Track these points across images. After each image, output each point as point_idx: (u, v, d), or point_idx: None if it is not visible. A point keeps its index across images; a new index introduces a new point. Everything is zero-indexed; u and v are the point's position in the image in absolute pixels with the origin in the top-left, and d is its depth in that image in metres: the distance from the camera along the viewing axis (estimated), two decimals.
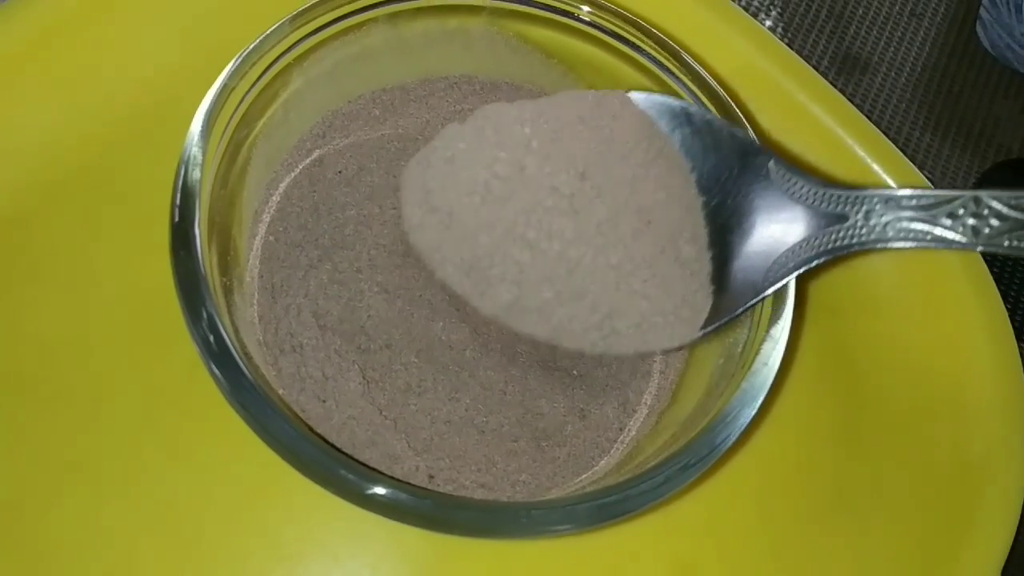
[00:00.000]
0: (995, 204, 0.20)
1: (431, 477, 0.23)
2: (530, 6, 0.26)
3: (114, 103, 0.29)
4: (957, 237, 0.20)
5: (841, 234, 0.22)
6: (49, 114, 0.29)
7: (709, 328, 0.23)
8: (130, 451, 0.26)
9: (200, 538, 0.25)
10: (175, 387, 0.26)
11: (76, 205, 0.28)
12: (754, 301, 0.23)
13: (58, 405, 0.26)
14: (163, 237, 0.22)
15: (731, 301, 0.23)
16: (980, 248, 0.20)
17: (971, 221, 0.20)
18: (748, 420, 0.22)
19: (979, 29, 0.43)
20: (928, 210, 0.20)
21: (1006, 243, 0.20)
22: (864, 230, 0.21)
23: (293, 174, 0.26)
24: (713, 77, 0.26)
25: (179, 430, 0.26)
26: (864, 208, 0.21)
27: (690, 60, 0.26)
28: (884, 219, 0.21)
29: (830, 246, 0.22)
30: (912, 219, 0.21)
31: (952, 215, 0.20)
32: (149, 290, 0.26)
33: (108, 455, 0.26)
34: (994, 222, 0.20)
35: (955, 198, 0.20)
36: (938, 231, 0.20)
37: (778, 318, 0.23)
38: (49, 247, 0.28)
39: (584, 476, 0.25)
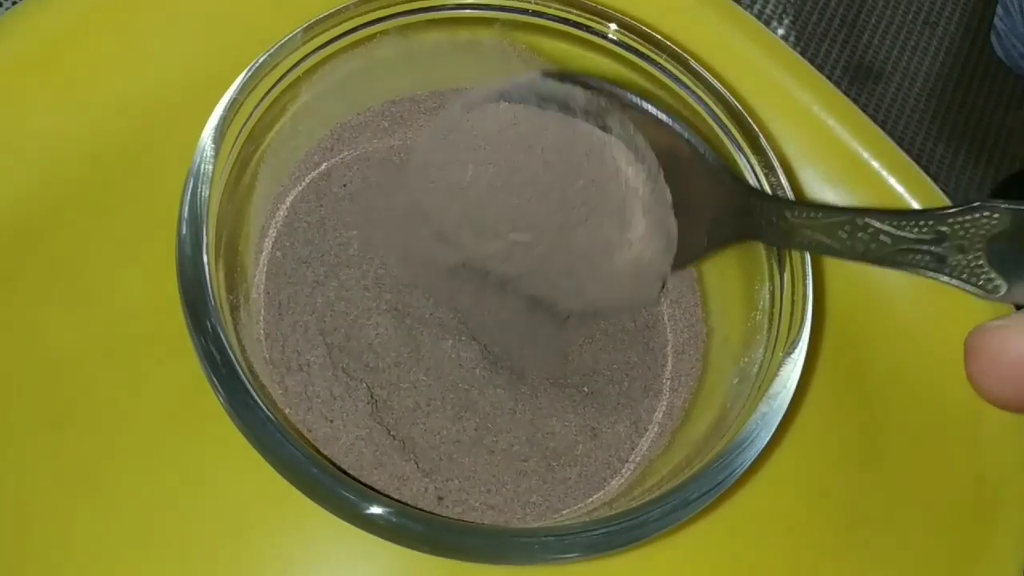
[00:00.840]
0: (876, 224, 0.20)
1: (440, 499, 0.23)
2: (542, 19, 0.26)
3: (121, 113, 0.29)
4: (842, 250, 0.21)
5: (751, 227, 0.23)
6: (55, 124, 0.28)
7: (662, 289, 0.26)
8: (134, 466, 0.26)
9: (205, 554, 0.25)
10: (183, 401, 0.26)
11: (83, 216, 0.28)
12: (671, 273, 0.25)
13: (62, 418, 0.26)
14: (171, 249, 0.21)
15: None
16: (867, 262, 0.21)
17: (849, 241, 0.21)
18: (764, 444, 0.21)
19: (993, 39, 0.42)
20: (821, 231, 0.21)
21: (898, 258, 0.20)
22: (771, 233, 0.22)
23: (300, 187, 0.26)
24: (724, 86, 0.26)
25: (186, 444, 0.26)
26: (772, 217, 0.22)
27: (700, 70, 0.26)
28: (788, 226, 0.22)
29: (740, 233, 0.23)
30: (808, 233, 0.22)
31: (833, 235, 0.21)
32: (158, 302, 0.25)
33: (113, 470, 0.25)
34: (872, 246, 0.20)
35: (841, 222, 0.21)
36: (827, 244, 0.21)
37: (797, 341, 0.22)
38: (56, 258, 0.27)
39: (595, 497, 0.24)
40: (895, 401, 0.30)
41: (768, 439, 0.22)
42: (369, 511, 0.19)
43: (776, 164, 0.25)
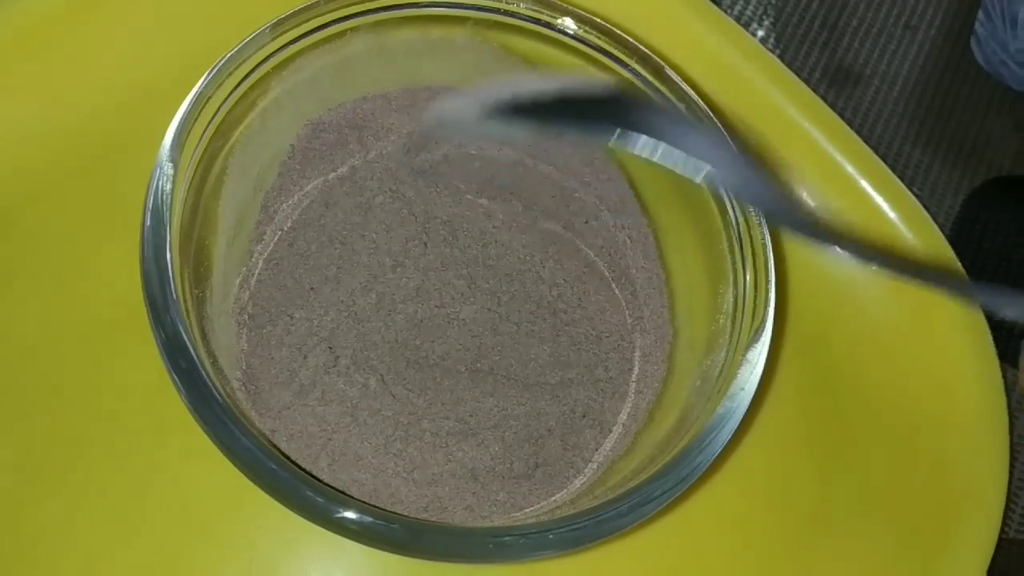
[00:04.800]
0: None
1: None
2: (514, 18, 0.26)
3: (94, 103, 0.29)
4: None
5: None
6: (26, 114, 0.28)
7: None
8: (103, 455, 0.26)
9: (173, 549, 0.25)
10: (152, 393, 0.26)
11: (54, 206, 0.28)
12: None
13: (30, 407, 0.26)
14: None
15: None
16: None
17: None
18: (722, 445, 0.22)
19: (973, 44, 0.42)
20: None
21: None
22: None
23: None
24: (698, 90, 0.26)
25: (154, 437, 0.26)
26: None
27: (672, 74, 0.26)
28: None
29: None
30: None
31: None
32: (130, 292, 0.25)
33: (80, 459, 0.25)
34: None
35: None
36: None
37: (755, 341, 0.23)
38: (27, 248, 0.27)
39: (558, 495, 0.25)
40: (860, 401, 0.31)
41: (727, 440, 0.22)
42: (338, 515, 0.19)
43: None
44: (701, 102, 0.26)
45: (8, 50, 0.28)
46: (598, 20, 0.26)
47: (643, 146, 0.19)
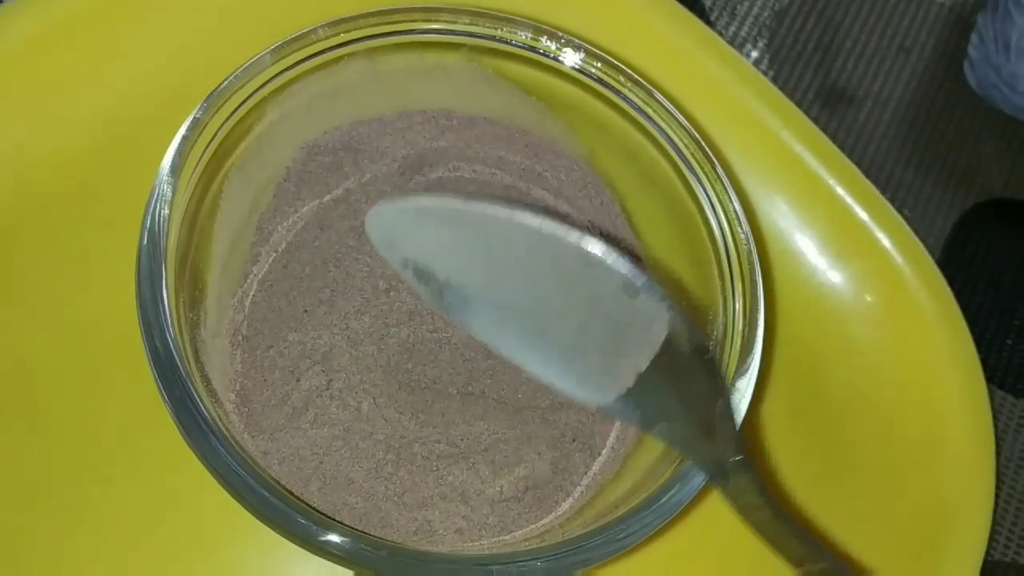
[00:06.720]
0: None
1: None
2: (508, 45, 0.26)
3: (95, 122, 0.29)
4: None
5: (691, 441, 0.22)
6: (28, 132, 0.29)
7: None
8: (98, 474, 0.26)
9: (164, 563, 0.25)
10: (148, 408, 0.26)
11: (56, 224, 0.28)
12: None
13: (29, 423, 0.26)
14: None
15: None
16: None
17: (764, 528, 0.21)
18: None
19: (966, 67, 0.43)
20: (750, 501, 0.21)
21: None
22: (703, 459, 0.21)
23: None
24: (689, 113, 0.26)
25: (148, 452, 0.26)
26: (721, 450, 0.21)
27: (662, 99, 0.26)
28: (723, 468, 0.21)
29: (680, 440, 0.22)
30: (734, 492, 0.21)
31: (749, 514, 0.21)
32: (127, 311, 0.26)
33: (79, 475, 0.26)
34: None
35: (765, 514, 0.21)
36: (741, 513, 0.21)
37: (744, 371, 0.23)
38: (30, 265, 0.28)
39: (547, 519, 0.25)
40: (849, 425, 0.31)
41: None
42: (324, 539, 0.20)
43: (732, 195, 0.25)
44: (691, 127, 0.26)
45: (10, 70, 0.29)
46: (591, 47, 0.27)
47: None
